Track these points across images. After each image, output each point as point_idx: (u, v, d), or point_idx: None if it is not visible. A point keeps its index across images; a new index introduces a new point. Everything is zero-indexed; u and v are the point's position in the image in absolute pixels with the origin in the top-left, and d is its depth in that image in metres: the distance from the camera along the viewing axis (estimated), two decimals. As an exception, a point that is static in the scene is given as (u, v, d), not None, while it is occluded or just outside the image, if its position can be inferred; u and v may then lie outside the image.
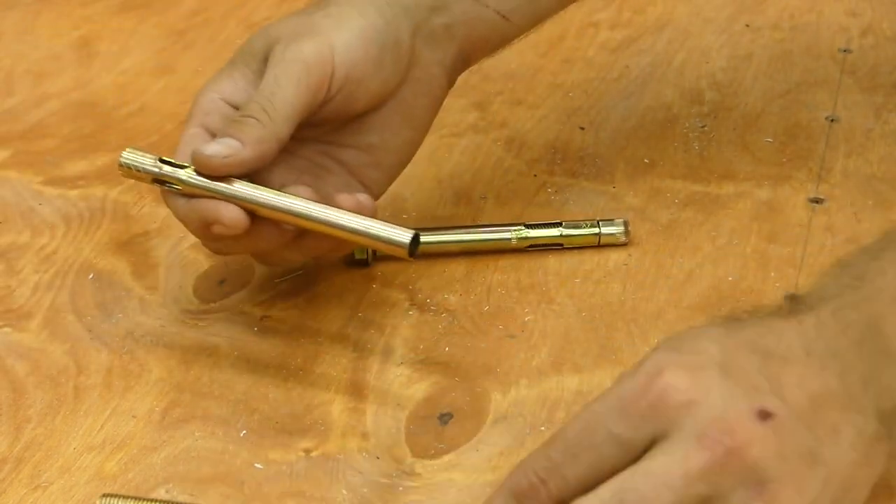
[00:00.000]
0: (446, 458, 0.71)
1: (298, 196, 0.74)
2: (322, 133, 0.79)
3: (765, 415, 0.60)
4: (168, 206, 0.76)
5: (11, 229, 0.88)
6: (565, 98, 1.02)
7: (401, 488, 0.69)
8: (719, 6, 1.14)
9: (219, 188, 0.74)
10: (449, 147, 0.96)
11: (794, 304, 0.66)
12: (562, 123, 0.99)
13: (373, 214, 0.75)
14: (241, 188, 0.74)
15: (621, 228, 0.85)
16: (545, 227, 0.85)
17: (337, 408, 0.74)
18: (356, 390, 0.75)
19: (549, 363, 0.77)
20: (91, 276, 0.84)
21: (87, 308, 0.81)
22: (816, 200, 0.89)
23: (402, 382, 0.76)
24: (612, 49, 1.09)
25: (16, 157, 0.96)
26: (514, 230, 0.84)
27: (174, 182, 0.74)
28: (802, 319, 0.63)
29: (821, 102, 1.01)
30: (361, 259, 0.83)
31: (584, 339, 0.78)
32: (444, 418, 0.73)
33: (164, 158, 0.74)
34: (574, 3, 0.90)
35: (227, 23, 1.13)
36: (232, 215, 0.74)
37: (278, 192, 0.74)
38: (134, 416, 0.73)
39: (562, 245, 0.84)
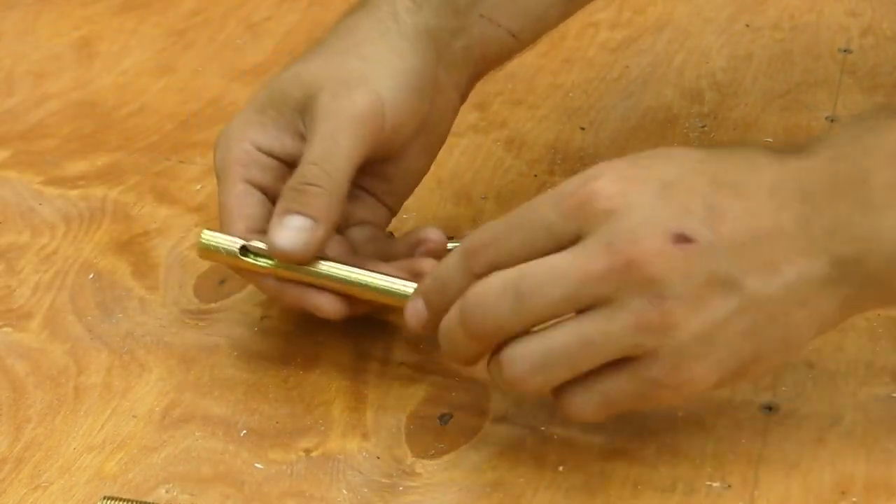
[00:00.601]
0: (446, 457, 0.71)
1: (379, 270, 0.73)
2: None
3: (681, 238, 0.62)
4: (258, 287, 0.76)
5: (11, 229, 0.88)
6: (565, 98, 1.02)
7: (401, 488, 0.69)
8: (719, 6, 1.14)
9: (306, 271, 0.72)
10: (449, 147, 0.96)
11: (794, 147, 0.67)
12: (562, 123, 0.99)
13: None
14: (329, 269, 0.72)
15: None
16: None
17: (337, 408, 0.74)
18: (356, 390, 0.75)
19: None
20: (91, 276, 0.84)
21: (88, 308, 0.81)
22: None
23: (403, 382, 0.76)
24: (613, 49, 1.09)
25: (16, 157, 0.96)
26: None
27: (258, 268, 0.71)
28: (787, 161, 0.66)
29: (821, 103, 1.01)
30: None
31: (584, 339, 0.78)
32: (445, 418, 0.73)
33: (247, 246, 0.71)
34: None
35: (227, 22, 1.13)
36: (331, 307, 0.74)
37: (365, 271, 0.73)
38: (134, 416, 0.73)
39: None
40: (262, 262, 0.72)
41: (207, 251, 0.74)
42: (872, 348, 0.77)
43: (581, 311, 0.63)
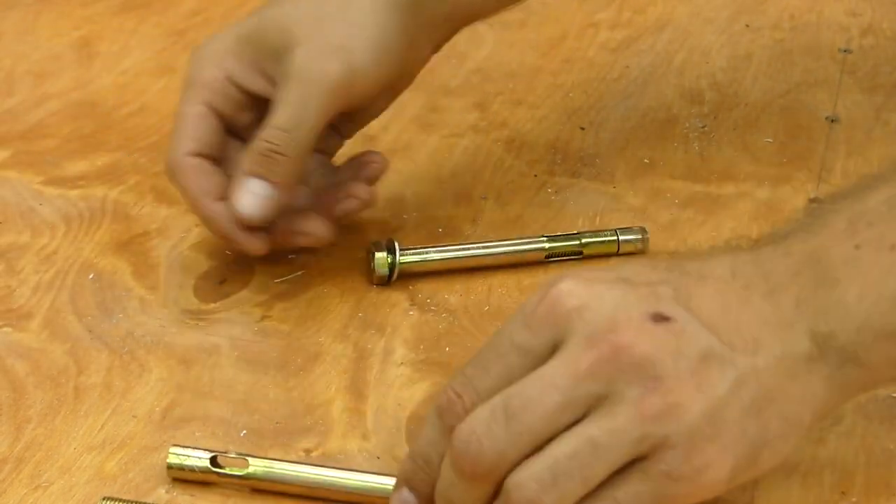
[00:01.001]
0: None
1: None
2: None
3: (659, 318, 0.59)
4: (193, 210, 0.80)
5: (11, 229, 0.88)
6: (565, 98, 1.02)
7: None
8: (719, 6, 1.14)
9: (280, 478, 0.68)
10: (449, 147, 0.96)
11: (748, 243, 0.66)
12: (562, 124, 0.99)
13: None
14: (305, 474, 0.68)
15: (639, 236, 0.84)
16: (566, 239, 0.84)
17: (337, 408, 0.74)
18: (356, 390, 0.75)
19: (549, 363, 0.77)
20: (91, 276, 0.84)
21: (88, 308, 0.81)
22: (817, 201, 0.89)
23: (403, 382, 0.76)
24: (613, 49, 1.09)
25: (16, 157, 0.96)
26: (537, 243, 0.83)
27: (230, 479, 0.69)
28: (739, 252, 0.64)
29: (821, 102, 1.01)
30: (380, 276, 0.82)
31: (584, 339, 0.78)
32: (445, 418, 0.73)
33: (218, 460, 0.69)
34: (575, 3, 0.90)
35: (227, 22, 1.12)
36: (253, 245, 0.79)
37: (342, 472, 0.69)
38: (134, 416, 0.73)
39: (581, 254, 0.84)
40: (236, 472, 0.68)
41: (177, 468, 0.68)
42: (872, 348, 0.77)
43: (579, 419, 0.59)
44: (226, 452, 0.69)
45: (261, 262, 0.84)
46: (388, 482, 0.67)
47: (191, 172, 0.79)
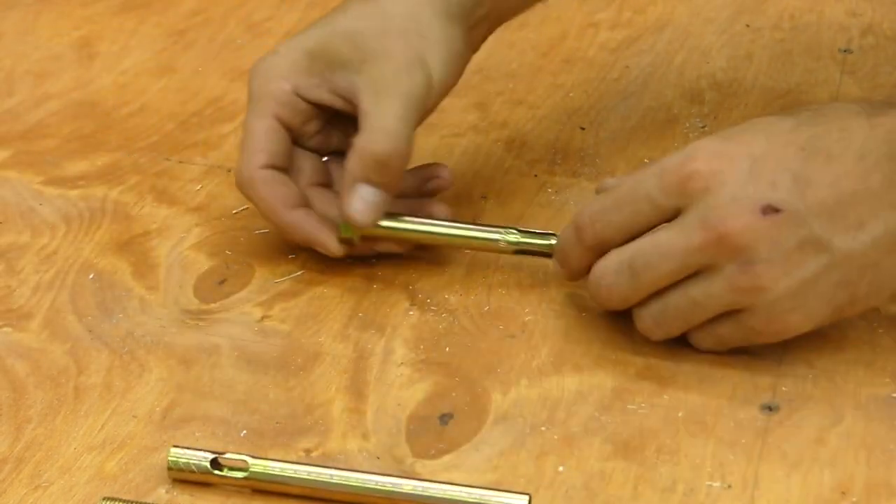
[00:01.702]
0: (447, 458, 0.71)
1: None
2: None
3: (769, 210, 0.70)
4: (270, 220, 0.82)
5: (11, 229, 0.88)
6: (565, 98, 1.02)
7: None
8: (720, 6, 1.14)
9: (280, 478, 0.69)
10: (449, 147, 0.96)
11: (883, 103, 0.74)
12: (562, 123, 0.99)
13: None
14: (299, 473, 0.68)
15: None
16: (538, 236, 0.81)
17: (337, 408, 0.74)
18: (356, 390, 0.75)
19: (549, 363, 0.77)
20: (91, 276, 0.84)
21: (88, 308, 0.81)
22: None
23: (403, 382, 0.76)
24: (613, 49, 1.09)
25: (16, 157, 0.96)
26: (505, 232, 0.81)
27: (231, 480, 0.69)
28: (877, 121, 0.72)
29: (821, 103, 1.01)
30: (346, 238, 0.82)
31: (584, 339, 0.78)
32: (445, 418, 0.73)
33: (218, 460, 0.69)
34: (575, 3, 0.90)
35: (227, 23, 1.13)
36: (332, 247, 0.81)
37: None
38: (134, 416, 0.73)
39: (550, 255, 0.80)
40: (236, 474, 0.68)
41: (177, 469, 0.69)
42: (872, 348, 0.77)
43: (688, 276, 0.73)
44: (226, 453, 0.69)
45: (261, 262, 0.84)
46: (389, 482, 0.67)
47: (265, 184, 0.81)
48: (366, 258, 0.84)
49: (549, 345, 0.78)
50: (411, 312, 0.81)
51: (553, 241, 0.80)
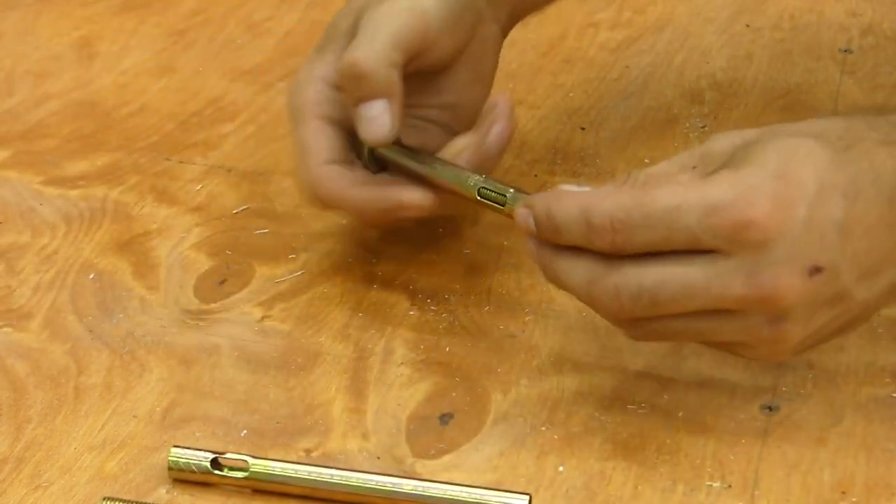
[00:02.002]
0: (447, 458, 0.71)
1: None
2: (405, 96, 0.79)
3: (815, 270, 0.66)
4: (349, 210, 0.79)
5: (12, 229, 0.88)
6: (566, 98, 1.02)
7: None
8: (720, 6, 1.14)
9: (280, 479, 0.68)
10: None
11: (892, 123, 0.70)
12: (562, 124, 0.99)
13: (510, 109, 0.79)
14: (299, 473, 0.69)
15: None
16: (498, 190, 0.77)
17: (337, 408, 0.74)
18: (357, 390, 0.75)
19: (549, 363, 0.77)
20: (92, 277, 0.84)
21: (88, 308, 0.81)
22: None
23: (403, 382, 0.76)
24: (613, 49, 1.09)
25: (16, 157, 0.96)
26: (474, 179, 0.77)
27: (232, 480, 0.69)
28: None
29: (821, 103, 1.01)
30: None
31: (584, 339, 0.78)
32: (445, 418, 0.73)
33: (219, 460, 0.69)
34: (575, 3, 0.90)
35: (228, 23, 1.13)
36: (417, 198, 0.76)
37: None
38: (134, 416, 0.73)
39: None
40: (236, 474, 0.69)
41: (177, 469, 0.69)
42: (872, 348, 0.77)
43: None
44: (226, 453, 0.69)
45: (261, 262, 0.85)
46: (389, 482, 0.67)
47: (331, 178, 0.78)
48: (365, 258, 0.84)
49: (549, 345, 0.78)
50: (411, 312, 0.81)
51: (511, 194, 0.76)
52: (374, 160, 0.79)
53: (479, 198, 0.76)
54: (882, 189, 0.67)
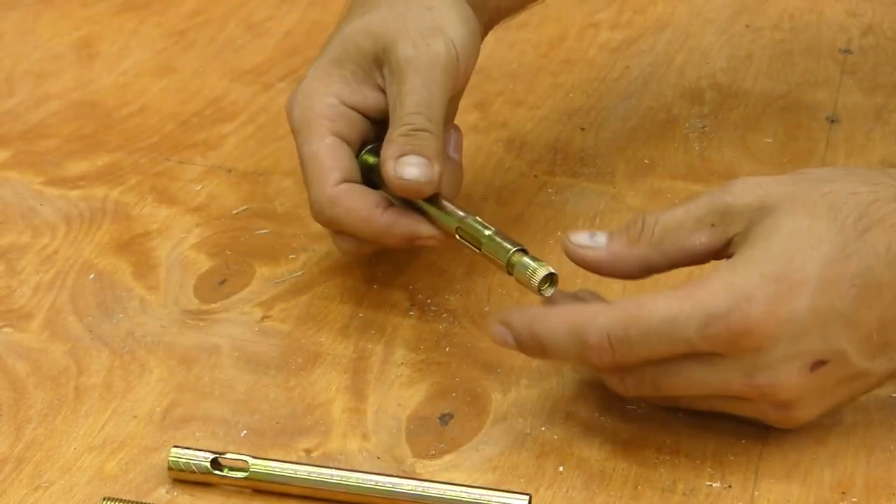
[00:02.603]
0: (447, 458, 0.71)
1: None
2: None
3: (818, 364, 0.66)
4: (364, 232, 0.76)
5: (12, 230, 0.88)
6: (566, 98, 1.02)
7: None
8: (720, 6, 1.14)
9: (280, 479, 0.68)
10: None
11: None
12: (562, 124, 0.99)
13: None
14: (300, 473, 0.69)
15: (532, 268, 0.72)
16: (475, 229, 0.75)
17: (337, 408, 0.74)
18: (357, 390, 0.75)
19: (549, 363, 0.77)
20: (92, 277, 0.84)
21: (88, 308, 0.81)
22: None
23: (403, 383, 0.76)
24: (613, 49, 1.09)
25: (16, 157, 0.96)
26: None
27: (231, 481, 0.69)
28: None
29: (821, 103, 1.01)
30: None
31: (584, 339, 0.78)
32: (445, 418, 0.73)
33: (219, 461, 0.69)
34: (576, 3, 0.90)
35: (228, 23, 1.13)
36: (436, 231, 0.76)
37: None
38: (135, 417, 0.73)
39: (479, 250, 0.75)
40: (237, 474, 0.69)
41: (177, 469, 0.69)
42: (872, 348, 0.77)
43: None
44: (226, 453, 0.69)
45: (261, 262, 0.85)
46: (389, 482, 0.67)
47: (349, 197, 0.76)
48: (365, 258, 0.84)
49: (549, 345, 0.78)
50: (411, 313, 0.81)
51: (483, 240, 0.74)
52: (368, 184, 0.78)
53: (457, 237, 0.75)
54: (890, 276, 0.66)
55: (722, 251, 0.69)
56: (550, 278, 0.71)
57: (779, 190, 0.68)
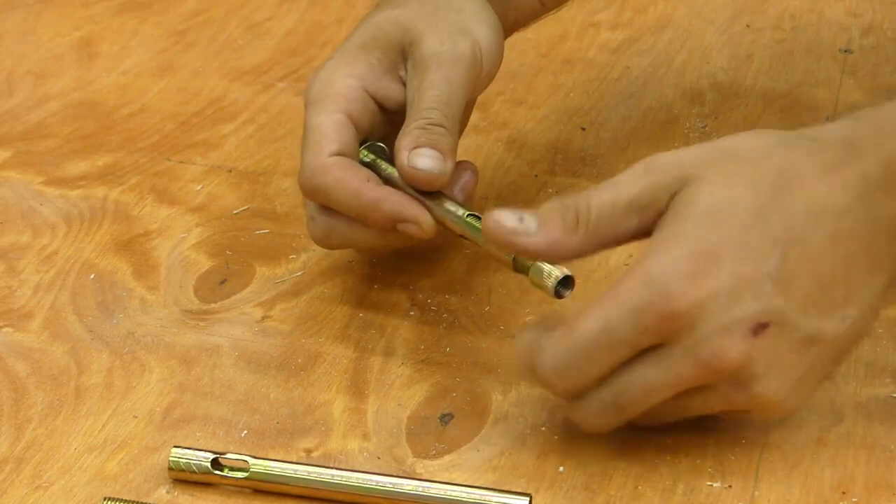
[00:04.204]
0: (447, 458, 0.71)
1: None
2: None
3: (759, 328, 0.65)
4: (351, 203, 0.76)
5: (12, 230, 0.88)
6: (566, 98, 1.02)
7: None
8: (720, 6, 1.14)
9: (280, 479, 0.68)
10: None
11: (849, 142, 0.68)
12: (563, 124, 0.99)
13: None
14: (300, 473, 0.69)
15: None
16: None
17: (338, 408, 0.74)
18: (357, 390, 0.75)
19: (549, 363, 0.77)
20: (92, 277, 0.84)
21: (88, 308, 0.81)
22: None
23: (403, 382, 0.76)
24: (613, 49, 1.09)
25: (17, 157, 0.96)
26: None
27: (232, 481, 0.69)
28: (843, 178, 0.66)
29: (822, 103, 1.01)
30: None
31: (584, 339, 0.78)
32: (445, 418, 0.73)
33: (219, 461, 0.69)
34: (576, 3, 0.90)
35: (228, 23, 1.13)
36: (420, 215, 0.75)
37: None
38: (135, 417, 0.73)
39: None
40: (237, 474, 0.68)
41: (178, 469, 0.69)
42: (873, 348, 0.77)
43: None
44: (226, 453, 0.69)
45: (261, 262, 0.85)
46: (389, 482, 0.67)
47: (341, 167, 0.76)
48: (365, 258, 0.84)
49: (549, 345, 0.78)
50: (412, 313, 0.81)
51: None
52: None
53: (465, 225, 0.76)
54: (823, 225, 0.66)
55: (651, 230, 0.69)
56: (566, 281, 0.71)
57: (695, 162, 0.68)
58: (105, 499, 0.67)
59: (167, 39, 1.11)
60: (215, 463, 0.69)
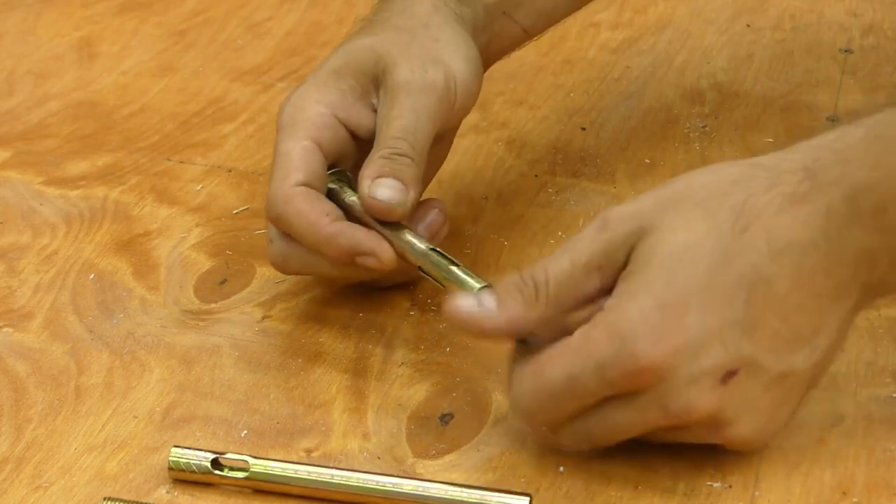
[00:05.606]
0: (447, 458, 0.71)
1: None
2: None
3: (728, 375, 0.65)
4: (308, 236, 0.75)
5: (12, 230, 0.88)
6: (566, 98, 1.02)
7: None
8: (720, 7, 1.14)
9: (281, 479, 0.68)
10: (450, 147, 0.96)
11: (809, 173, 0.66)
12: (563, 124, 0.99)
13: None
14: (300, 473, 0.69)
15: None
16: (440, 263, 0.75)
17: (338, 408, 0.74)
18: (357, 390, 0.75)
19: (549, 363, 0.77)
20: (92, 277, 0.84)
21: (89, 308, 0.81)
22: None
23: (403, 383, 0.76)
24: (613, 49, 1.09)
25: (17, 157, 0.96)
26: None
27: (231, 481, 0.69)
28: (812, 208, 0.65)
29: (822, 103, 1.01)
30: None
31: (584, 339, 0.78)
32: (445, 418, 0.73)
33: (219, 461, 0.69)
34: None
35: (228, 23, 1.13)
36: (377, 248, 0.75)
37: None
38: (135, 417, 0.73)
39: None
40: (237, 474, 0.68)
41: (178, 469, 0.69)
42: (873, 348, 0.77)
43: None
44: (226, 453, 0.69)
45: (261, 262, 0.85)
46: (389, 482, 0.67)
47: (303, 199, 0.75)
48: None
49: (549, 345, 0.78)
50: (412, 312, 0.81)
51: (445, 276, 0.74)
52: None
53: (420, 271, 0.75)
54: (786, 262, 0.65)
55: (614, 286, 0.67)
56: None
57: (651, 211, 0.67)
58: (105, 499, 0.67)
59: (167, 39, 1.11)
60: (215, 463, 0.69)
